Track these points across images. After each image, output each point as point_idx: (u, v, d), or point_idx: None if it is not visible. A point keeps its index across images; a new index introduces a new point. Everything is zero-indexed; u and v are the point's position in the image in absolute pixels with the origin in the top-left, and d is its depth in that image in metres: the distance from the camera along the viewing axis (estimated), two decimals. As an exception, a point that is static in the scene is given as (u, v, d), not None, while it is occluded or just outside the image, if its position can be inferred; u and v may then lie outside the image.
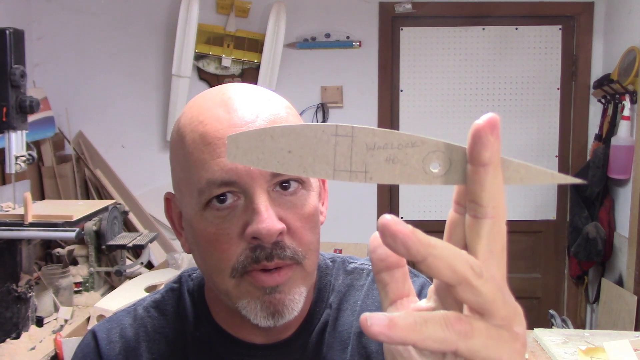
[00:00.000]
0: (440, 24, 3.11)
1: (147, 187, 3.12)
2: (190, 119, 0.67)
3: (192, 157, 0.66)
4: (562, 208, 3.18)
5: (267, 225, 0.63)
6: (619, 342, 1.73)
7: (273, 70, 2.99)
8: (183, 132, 0.68)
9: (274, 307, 0.67)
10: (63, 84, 3.08)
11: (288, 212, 0.66)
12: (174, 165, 0.71)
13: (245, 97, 0.67)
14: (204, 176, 0.64)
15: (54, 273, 2.28)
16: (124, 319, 0.79)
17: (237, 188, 0.64)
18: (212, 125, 0.65)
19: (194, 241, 0.69)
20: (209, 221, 0.65)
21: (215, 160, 0.64)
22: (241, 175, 0.64)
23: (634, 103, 2.70)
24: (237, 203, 0.65)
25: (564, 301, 3.23)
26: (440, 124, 3.14)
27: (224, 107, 0.66)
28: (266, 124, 0.65)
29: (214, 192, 0.64)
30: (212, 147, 0.64)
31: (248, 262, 0.65)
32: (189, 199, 0.67)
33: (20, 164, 2.01)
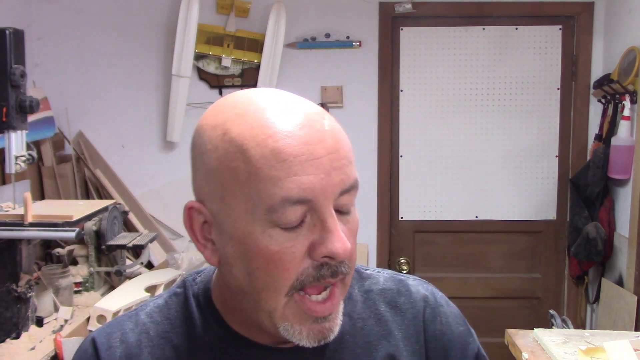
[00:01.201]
0: (440, 24, 3.11)
1: (147, 187, 3.13)
2: (253, 132, 0.64)
3: (260, 173, 0.63)
4: (562, 208, 3.18)
5: (342, 245, 0.64)
6: (619, 342, 1.73)
7: (273, 70, 2.99)
8: (244, 145, 0.64)
9: (322, 335, 0.68)
10: (63, 84, 3.08)
11: (345, 229, 0.67)
12: (222, 177, 0.66)
13: (303, 107, 0.67)
14: (277, 194, 0.62)
15: (54, 273, 2.28)
16: (124, 323, 0.77)
17: (310, 206, 0.64)
18: (284, 140, 0.63)
19: (240, 256, 0.66)
20: (273, 239, 0.64)
21: (292, 178, 0.62)
22: (317, 194, 0.63)
23: (634, 103, 2.70)
24: (304, 222, 0.65)
25: (564, 301, 3.23)
26: (440, 124, 3.14)
27: (291, 120, 0.65)
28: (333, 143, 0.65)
29: (287, 211, 0.63)
30: (288, 164, 0.62)
31: (309, 281, 0.65)
32: (244, 214, 0.64)
33: (20, 164, 2.01)
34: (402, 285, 0.85)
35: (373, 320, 0.81)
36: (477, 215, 3.20)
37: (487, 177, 3.17)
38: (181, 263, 2.62)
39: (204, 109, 3.68)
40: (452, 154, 3.15)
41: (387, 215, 3.17)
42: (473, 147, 3.15)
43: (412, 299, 0.84)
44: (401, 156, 3.16)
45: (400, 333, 0.81)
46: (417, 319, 0.83)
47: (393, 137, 3.14)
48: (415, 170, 3.17)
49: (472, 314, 3.08)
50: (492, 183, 3.17)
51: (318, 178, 0.63)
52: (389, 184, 3.16)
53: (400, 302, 0.83)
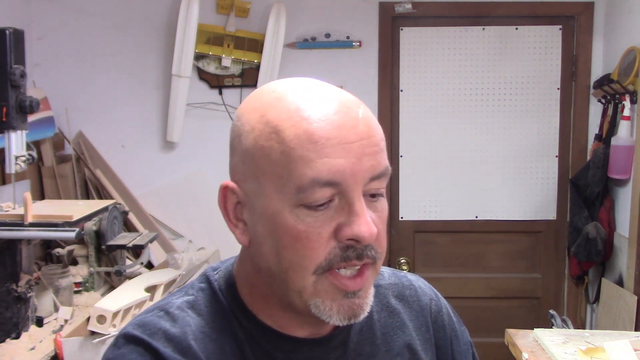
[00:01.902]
0: (440, 24, 3.11)
1: (147, 187, 3.12)
2: (288, 115, 0.67)
3: (293, 153, 0.65)
4: (562, 208, 3.18)
5: (368, 229, 0.66)
6: (619, 342, 1.73)
7: (273, 70, 2.99)
8: (279, 126, 0.67)
9: (352, 311, 0.69)
10: (63, 84, 3.08)
11: (374, 216, 0.69)
12: (257, 157, 0.68)
13: (338, 95, 0.70)
14: (307, 174, 0.64)
15: (54, 273, 2.28)
16: (159, 323, 0.72)
17: (338, 189, 0.66)
18: (318, 123, 0.66)
19: (269, 234, 0.68)
20: (300, 219, 0.66)
21: (323, 160, 0.64)
22: (346, 177, 0.65)
23: (634, 103, 2.70)
24: (331, 204, 0.66)
25: (564, 301, 3.23)
26: (440, 124, 3.14)
27: (326, 105, 0.68)
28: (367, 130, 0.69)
29: (316, 192, 0.65)
30: (320, 146, 0.65)
31: (336, 261, 0.67)
32: (275, 193, 0.67)
33: (20, 164, 2.01)
34: (405, 280, 0.90)
35: (386, 312, 0.84)
36: (477, 215, 3.20)
37: (487, 177, 3.17)
38: (181, 263, 2.62)
39: (204, 109, 3.68)
40: (452, 154, 3.15)
41: (387, 215, 3.16)
42: (473, 147, 3.15)
43: (417, 292, 0.89)
44: (401, 156, 3.16)
45: (412, 324, 0.85)
46: (425, 311, 0.87)
47: (393, 137, 3.14)
48: (415, 170, 3.17)
49: (472, 314, 3.10)
50: (492, 183, 3.17)
51: (349, 162, 0.65)
52: (389, 183, 3.15)
53: (407, 295, 0.88)
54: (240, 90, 3.09)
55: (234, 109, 3.09)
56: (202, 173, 3.11)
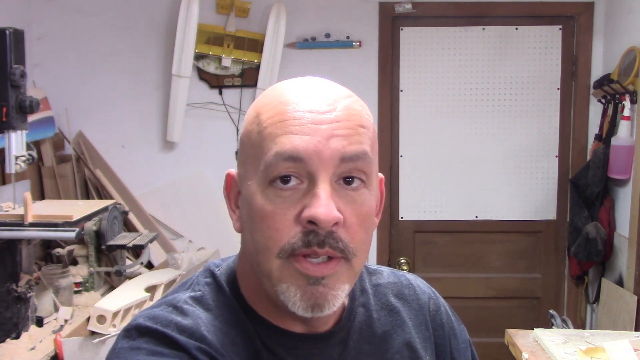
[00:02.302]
0: (440, 24, 3.11)
1: (147, 187, 3.12)
2: (271, 99, 0.70)
3: (265, 131, 0.68)
4: (562, 208, 3.18)
5: (324, 211, 0.64)
6: (619, 342, 1.73)
7: (273, 70, 2.99)
8: (261, 109, 0.70)
9: (315, 300, 0.67)
10: (63, 84, 3.08)
11: (347, 206, 0.67)
12: (244, 141, 0.72)
13: (328, 88, 0.71)
14: (272, 149, 0.66)
15: (54, 273, 2.28)
16: (169, 316, 0.71)
17: (303, 169, 0.65)
18: (291, 105, 0.68)
19: (247, 218, 0.70)
20: (269, 199, 0.66)
21: (287, 136, 0.66)
22: (310, 154, 0.65)
23: (634, 103, 2.70)
24: (299, 187, 0.66)
25: (564, 301, 3.23)
26: (440, 124, 3.14)
27: (305, 92, 0.69)
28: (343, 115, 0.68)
29: (280, 167, 0.65)
30: (287, 124, 0.66)
31: (298, 246, 0.66)
32: (253, 174, 0.68)
33: (20, 164, 2.01)
34: (404, 279, 0.90)
35: (385, 311, 0.84)
36: (477, 215, 3.20)
37: (487, 177, 3.17)
38: (181, 263, 2.62)
39: (204, 109, 3.68)
40: (452, 154, 3.15)
41: (387, 215, 3.17)
42: (473, 147, 3.15)
43: (415, 291, 0.89)
44: (401, 156, 3.16)
45: (411, 322, 0.85)
46: (424, 309, 0.87)
47: (393, 137, 3.14)
48: (415, 170, 3.17)
49: (472, 314, 3.10)
50: (492, 183, 3.17)
51: (314, 139, 0.65)
52: (389, 184, 3.16)
53: (406, 294, 0.88)
54: (240, 91, 3.09)
55: (234, 109, 3.09)
56: (202, 173, 3.11)
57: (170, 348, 0.67)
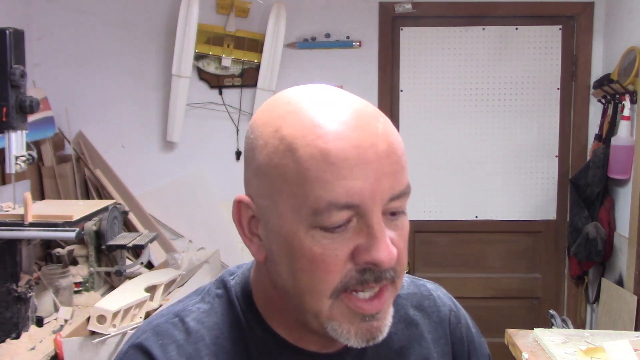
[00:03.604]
0: (440, 24, 3.11)
1: (147, 187, 3.12)
2: (303, 132, 0.63)
3: (308, 174, 0.62)
4: (562, 208, 3.18)
5: (388, 253, 0.63)
6: (619, 342, 1.73)
7: (273, 70, 2.99)
8: (294, 144, 0.63)
9: (370, 334, 0.67)
10: (63, 84, 3.08)
11: (394, 235, 0.66)
12: (271, 175, 0.65)
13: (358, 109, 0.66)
14: (324, 197, 0.61)
15: (54, 273, 2.28)
16: (174, 333, 0.72)
17: (356, 211, 0.63)
18: (334, 142, 0.62)
19: (283, 254, 0.66)
20: (316, 240, 0.63)
21: (340, 182, 0.61)
22: (364, 199, 0.62)
23: (634, 103, 2.70)
24: (349, 225, 0.63)
25: (564, 301, 3.23)
26: (440, 124, 3.14)
27: (343, 121, 0.63)
28: (386, 147, 0.64)
29: (333, 215, 0.62)
30: (336, 167, 0.61)
31: (352, 284, 0.64)
32: (291, 213, 0.64)
33: (20, 164, 2.01)
34: (424, 290, 0.87)
35: (403, 324, 0.81)
36: (477, 215, 3.20)
37: (487, 177, 3.17)
38: (181, 263, 2.62)
39: (204, 109, 3.67)
40: (452, 154, 3.15)
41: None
42: (473, 147, 3.15)
43: (436, 303, 0.86)
44: (401, 156, 3.16)
45: (430, 335, 0.83)
46: (444, 323, 0.85)
47: (393, 137, 3.14)
48: (415, 170, 3.17)
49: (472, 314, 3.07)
50: (492, 183, 3.17)
51: (367, 183, 0.62)
52: (389, 184, 3.16)
53: (425, 306, 0.85)
54: (240, 90, 3.09)
55: (234, 109, 3.09)
56: (202, 173, 3.11)
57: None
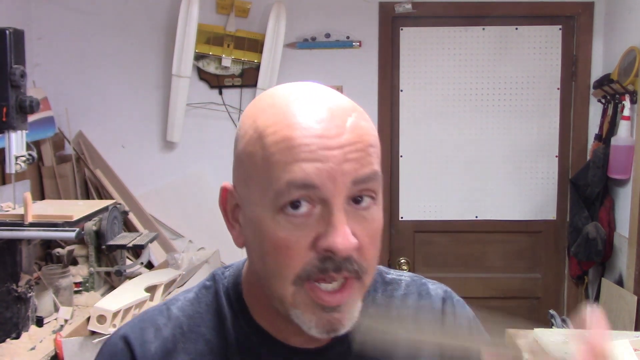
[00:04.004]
0: (440, 24, 3.11)
1: (147, 187, 3.12)
2: (274, 121, 0.66)
3: (272, 158, 0.65)
4: (562, 208, 3.18)
5: (343, 241, 0.63)
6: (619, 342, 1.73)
7: (273, 70, 2.99)
8: (264, 132, 0.66)
9: (331, 325, 0.67)
10: (63, 84, 3.08)
11: (359, 227, 0.66)
12: (245, 161, 0.69)
13: (332, 106, 0.68)
14: (283, 177, 0.63)
15: (54, 273, 2.28)
16: (156, 318, 0.77)
17: (316, 195, 0.64)
18: (300, 130, 0.64)
19: (255, 240, 0.68)
20: (280, 225, 0.65)
21: (298, 163, 0.63)
22: (323, 182, 0.63)
23: (634, 103, 2.70)
24: (311, 212, 0.65)
25: (564, 301, 3.23)
26: (440, 124, 3.14)
27: (312, 115, 0.66)
28: (353, 138, 0.66)
29: (292, 194, 0.63)
30: (297, 151, 0.63)
31: (314, 272, 0.65)
32: (259, 198, 0.66)
33: (20, 164, 2.01)
34: (423, 289, 0.87)
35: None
36: (477, 215, 3.20)
37: (487, 177, 3.17)
38: (181, 263, 2.62)
39: (204, 109, 3.67)
40: (452, 154, 3.15)
41: (387, 215, 3.17)
42: (473, 147, 3.15)
43: (432, 300, 0.86)
44: (401, 156, 3.16)
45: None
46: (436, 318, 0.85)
47: (393, 137, 3.14)
48: (415, 170, 3.17)
49: (472, 314, 3.09)
50: (492, 183, 3.17)
51: (327, 166, 0.64)
52: (389, 184, 3.16)
53: (420, 305, 0.85)
54: (240, 91, 3.09)
55: (234, 109, 3.09)
56: (202, 173, 3.11)
57: None
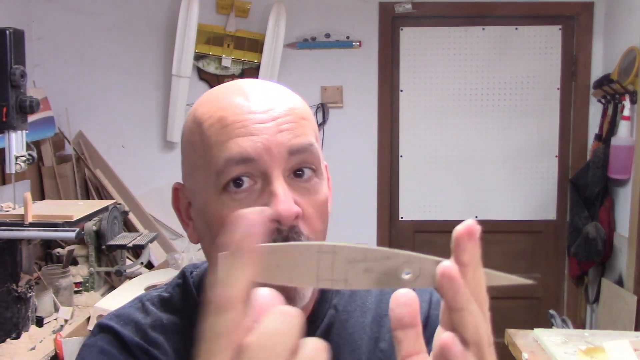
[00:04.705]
0: (440, 24, 3.11)
1: (147, 187, 3.13)
2: (209, 107, 0.69)
3: (209, 140, 0.66)
4: (562, 208, 3.18)
5: (285, 207, 0.64)
6: (619, 342, 1.73)
7: (273, 70, 2.99)
8: (201, 119, 0.69)
9: (286, 294, 0.67)
10: (63, 84, 3.08)
11: (302, 198, 0.67)
12: (188, 153, 0.71)
13: (263, 88, 0.70)
14: (221, 156, 0.65)
15: (54, 273, 2.28)
16: (134, 314, 0.77)
17: (255, 169, 0.65)
18: (231, 109, 0.66)
19: (205, 227, 0.69)
20: (225, 205, 0.66)
21: (233, 140, 0.65)
22: (260, 153, 0.65)
23: (634, 103, 2.70)
24: (253, 187, 0.66)
25: (564, 301, 3.23)
26: (440, 124, 3.14)
27: (243, 95, 0.68)
28: (284, 111, 0.67)
29: (232, 171, 0.65)
30: (230, 128, 0.65)
31: None
32: (203, 184, 0.68)
33: (20, 164, 2.01)
34: None
35: (359, 312, 0.81)
36: (477, 215, 3.20)
37: (487, 177, 3.17)
38: (181, 263, 2.62)
39: (204, 109, 3.64)
40: (452, 154, 3.15)
41: (387, 215, 3.17)
42: (473, 147, 3.15)
43: None
44: (401, 156, 3.16)
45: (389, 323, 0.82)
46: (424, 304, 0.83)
47: (393, 137, 3.14)
48: (415, 170, 3.17)
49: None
50: (492, 183, 3.17)
51: (261, 138, 0.65)
52: (389, 184, 3.16)
53: (384, 292, 0.83)
54: (240, 90, 3.09)
55: (234, 109, 3.10)
56: (202, 173, 3.11)
57: (118, 348, 0.73)
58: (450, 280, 0.40)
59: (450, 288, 0.40)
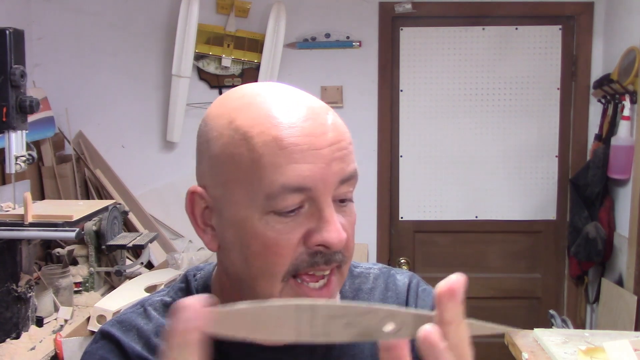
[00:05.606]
0: (440, 24, 3.11)
1: (147, 187, 3.13)
2: (258, 121, 0.66)
3: (262, 160, 0.64)
4: (562, 208, 3.18)
5: (338, 235, 0.65)
6: (619, 342, 1.73)
7: (273, 70, 2.99)
8: (248, 133, 0.66)
9: None
10: (63, 84, 3.08)
11: (344, 220, 0.69)
12: (225, 163, 0.67)
13: (309, 102, 0.69)
14: (277, 180, 0.64)
15: (54, 273, 2.28)
16: (136, 320, 0.77)
17: (308, 195, 0.65)
18: (289, 130, 0.65)
19: (236, 241, 0.68)
20: (269, 225, 0.65)
21: (292, 166, 0.64)
22: (316, 182, 0.65)
23: (634, 103, 2.70)
24: (301, 210, 0.66)
25: (564, 301, 3.23)
26: (440, 124, 3.14)
27: (296, 112, 0.66)
28: (335, 136, 0.67)
29: (287, 199, 0.64)
30: (289, 152, 0.64)
31: (303, 266, 0.67)
32: (244, 199, 0.66)
33: (20, 164, 2.01)
34: (391, 281, 0.87)
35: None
36: (477, 215, 3.20)
37: (487, 177, 3.17)
38: (181, 263, 2.63)
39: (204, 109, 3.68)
40: (452, 154, 3.15)
41: (387, 215, 3.17)
42: (473, 147, 3.15)
43: (398, 290, 0.86)
44: (401, 156, 3.16)
45: None
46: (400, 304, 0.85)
47: (393, 137, 3.14)
48: (415, 170, 3.17)
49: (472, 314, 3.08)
50: (492, 183, 3.17)
51: (318, 167, 0.65)
52: (389, 184, 3.16)
53: (387, 296, 0.85)
54: (240, 90, 3.09)
55: (234, 109, 3.09)
56: (202, 173, 3.10)
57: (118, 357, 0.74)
58: (432, 346, 0.42)
59: (431, 354, 0.42)
